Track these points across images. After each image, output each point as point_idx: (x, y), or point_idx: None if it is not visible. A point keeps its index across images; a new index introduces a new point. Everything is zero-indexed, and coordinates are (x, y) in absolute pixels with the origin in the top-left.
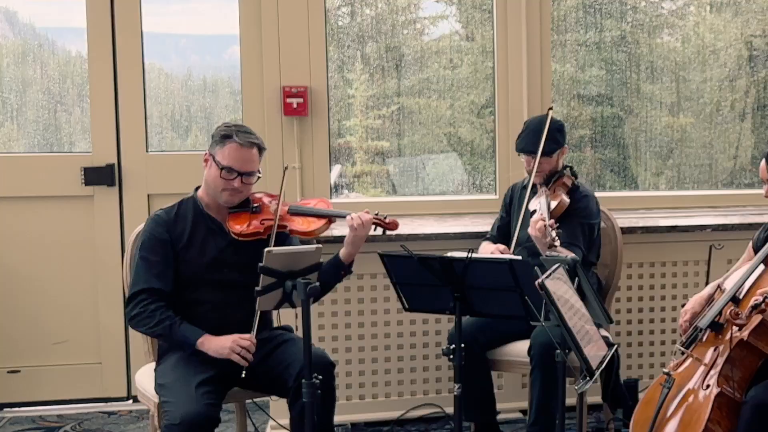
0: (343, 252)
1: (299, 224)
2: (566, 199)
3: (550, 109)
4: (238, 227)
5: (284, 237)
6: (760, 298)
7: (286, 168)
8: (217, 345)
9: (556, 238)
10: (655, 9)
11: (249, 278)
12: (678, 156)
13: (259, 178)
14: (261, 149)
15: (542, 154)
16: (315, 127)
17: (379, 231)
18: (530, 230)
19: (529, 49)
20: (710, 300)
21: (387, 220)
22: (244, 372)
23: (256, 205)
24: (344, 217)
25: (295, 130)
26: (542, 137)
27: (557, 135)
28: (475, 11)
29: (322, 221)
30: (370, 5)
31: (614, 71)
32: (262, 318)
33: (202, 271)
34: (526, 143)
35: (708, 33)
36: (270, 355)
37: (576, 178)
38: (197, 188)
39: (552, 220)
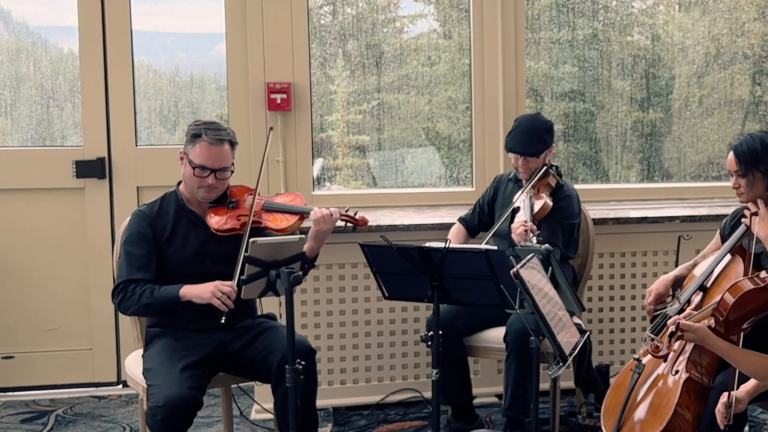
0: (306, 246)
1: (273, 222)
2: (549, 203)
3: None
4: (216, 223)
5: (259, 232)
6: (673, 328)
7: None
8: (199, 290)
9: (535, 243)
10: (625, 8)
11: (230, 269)
12: (648, 150)
13: (232, 172)
14: (232, 144)
15: (530, 155)
16: (298, 121)
17: (350, 226)
18: (513, 234)
19: (504, 47)
20: (676, 282)
21: (357, 217)
22: (224, 318)
23: (233, 200)
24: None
25: (279, 125)
26: (537, 138)
27: (546, 136)
28: (452, 10)
29: (295, 218)
30: (351, 4)
31: (586, 68)
32: (246, 302)
33: (184, 263)
34: (515, 143)
35: (677, 31)
36: (253, 342)
37: (560, 177)
38: (179, 182)
39: (533, 225)
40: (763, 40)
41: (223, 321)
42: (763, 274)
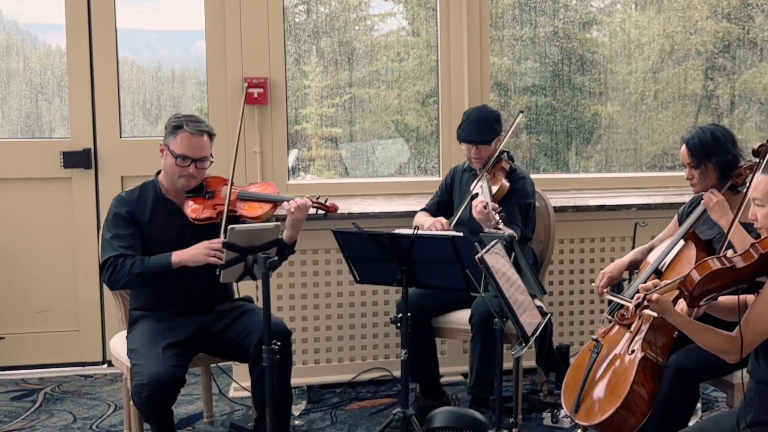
0: (284, 234)
1: (247, 210)
2: (506, 184)
3: (521, 112)
4: (193, 212)
5: (235, 221)
6: (641, 296)
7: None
8: (191, 254)
9: (500, 220)
10: (585, 7)
11: None
12: (605, 141)
13: (211, 162)
14: (211, 136)
15: (481, 143)
16: (274, 115)
17: (321, 213)
18: (474, 214)
19: (469, 44)
20: (631, 266)
21: (327, 203)
22: (220, 271)
23: (210, 190)
24: (286, 201)
25: (256, 118)
26: (487, 126)
27: (495, 124)
28: (420, 9)
29: (268, 206)
30: (325, 3)
31: (547, 64)
32: (225, 286)
33: (163, 249)
34: (467, 134)
35: (633, 29)
36: (232, 324)
37: (513, 161)
38: (158, 173)
39: (495, 204)
40: (715, 38)
41: (218, 273)
42: (729, 253)
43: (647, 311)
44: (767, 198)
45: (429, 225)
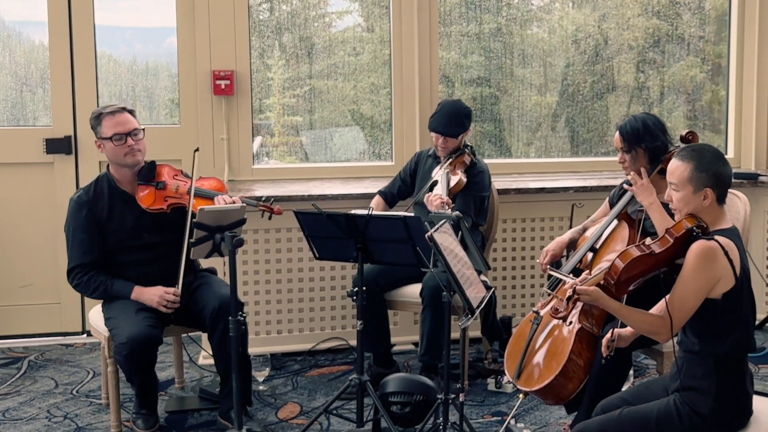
0: None
1: (197, 207)
2: (464, 180)
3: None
4: (144, 202)
5: (184, 211)
6: (570, 292)
7: (196, 150)
8: (147, 296)
9: (452, 214)
10: (526, 5)
11: (166, 238)
12: (545, 129)
13: (143, 133)
14: (130, 111)
15: (448, 135)
16: (240, 104)
17: (266, 216)
18: (429, 206)
19: (420, 39)
20: (569, 244)
21: (273, 207)
22: (192, 249)
23: (161, 181)
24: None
25: (223, 107)
26: (457, 121)
27: (464, 120)
28: (374, 7)
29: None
30: (286, 2)
31: (492, 58)
32: (186, 269)
33: (125, 238)
34: (437, 124)
35: (570, 25)
36: (192, 296)
37: (474, 155)
38: (108, 166)
39: (449, 199)
40: (646, 33)
41: (171, 318)
42: (648, 241)
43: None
44: (682, 183)
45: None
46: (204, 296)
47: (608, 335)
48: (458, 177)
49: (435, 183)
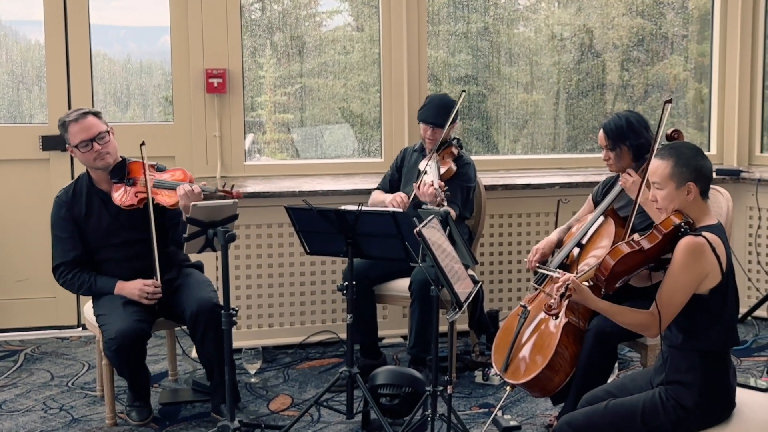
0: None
1: (163, 198)
2: (454, 167)
3: (464, 92)
4: (118, 200)
5: (156, 207)
6: (563, 289)
7: (142, 144)
8: (128, 290)
9: (445, 198)
10: (512, 5)
11: (144, 234)
12: (531, 126)
13: (111, 134)
14: (95, 114)
15: (437, 126)
16: (232, 102)
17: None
18: (422, 189)
19: (408, 38)
20: (558, 243)
21: (232, 191)
22: (156, 306)
23: (131, 177)
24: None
25: (215, 105)
26: (445, 113)
27: (452, 112)
28: (364, 6)
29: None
30: (278, 1)
31: (479, 56)
32: (168, 258)
33: (103, 236)
34: (427, 115)
35: (556, 25)
36: (173, 295)
37: (461, 148)
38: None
39: (442, 182)
40: (630, 32)
41: (156, 309)
42: (636, 237)
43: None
44: (664, 180)
45: (389, 200)
46: (183, 299)
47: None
48: (448, 165)
49: (422, 174)
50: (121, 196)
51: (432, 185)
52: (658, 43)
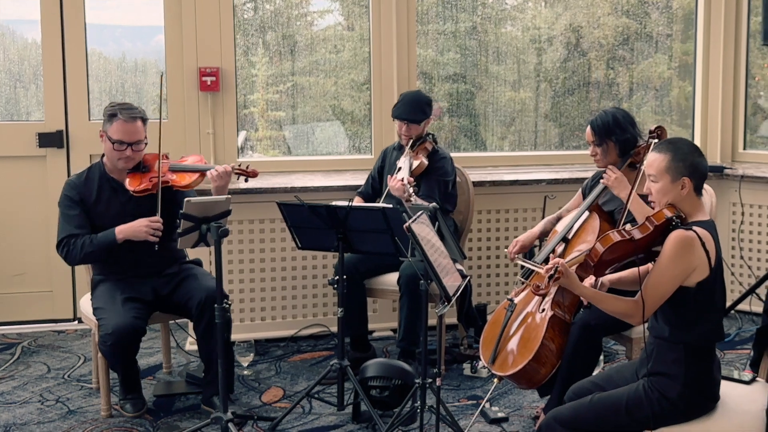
0: None
1: (179, 180)
2: (425, 162)
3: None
4: (132, 185)
5: (170, 190)
6: (553, 270)
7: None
8: (132, 229)
9: (412, 193)
10: (500, 4)
11: None
12: (519, 123)
13: (146, 144)
14: (144, 120)
15: (411, 122)
16: (225, 100)
17: (242, 180)
18: (391, 184)
19: (398, 37)
20: (539, 235)
21: (248, 169)
22: (156, 246)
23: (146, 165)
24: (211, 169)
25: (209, 103)
26: (418, 109)
27: (426, 108)
28: (354, 6)
29: (195, 175)
30: (270, 1)
31: (467, 55)
32: (172, 252)
33: (109, 223)
34: (401, 112)
35: (543, 24)
36: (178, 286)
37: (436, 143)
38: (103, 156)
39: (411, 178)
40: (616, 32)
41: (156, 248)
42: (628, 227)
43: (557, 283)
44: (660, 173)
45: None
46: (191, 288)
47: (590, 281)
48: (420, 160)
49: (399, 169)
50: (134, 180)
51: (399, 180)
52: (643, 42)
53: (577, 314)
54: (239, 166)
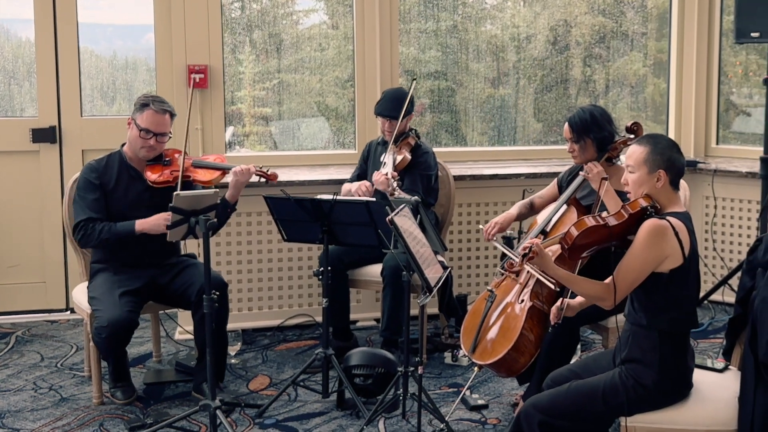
0: (228, 194)
1: (201, 175)
2: (408, 156)
3: (414, 79)
4: (153, 176)
5: (189, 184)
6: (527, 250)
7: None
8: (152, 224)
9: (396, 187)
10: (480, 3)
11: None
12: (498, 119)
13: (170, 137)
14: (172, 115)
15: (393, 118)
16: (213, 97)
17: (263, 181)
18: (375, 178)
19: (381, 36)
20: (517, 217)
21: (269, 173)
22: (169, 232)
23: (167, 158)
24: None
25: (197, 99)
26: (399, 105)
27: (408, 105)
28: (338, 5)
29: (218, 173)
30: (257, 1)
31: (448, 53)
32: (172, 244)
33: (124, 210)
34: (383, 109)
35: (522, 22)
36: (177, 276)
37: (419, 138)
38: (123, 144)
39: (395, 172)
40: (592, 30)
41: (167, 238)
42: (604, 214)
43: (529, 265)
44: (638, 164)
45: (355, 189)
46: (191, 275)
47: (558, 304)
48: (403, 155)
49: (382, 165)
50: (155, 171)
51: (383, 175)
52: (619, 41)
53: (555, 305)
54: (260, 168)
